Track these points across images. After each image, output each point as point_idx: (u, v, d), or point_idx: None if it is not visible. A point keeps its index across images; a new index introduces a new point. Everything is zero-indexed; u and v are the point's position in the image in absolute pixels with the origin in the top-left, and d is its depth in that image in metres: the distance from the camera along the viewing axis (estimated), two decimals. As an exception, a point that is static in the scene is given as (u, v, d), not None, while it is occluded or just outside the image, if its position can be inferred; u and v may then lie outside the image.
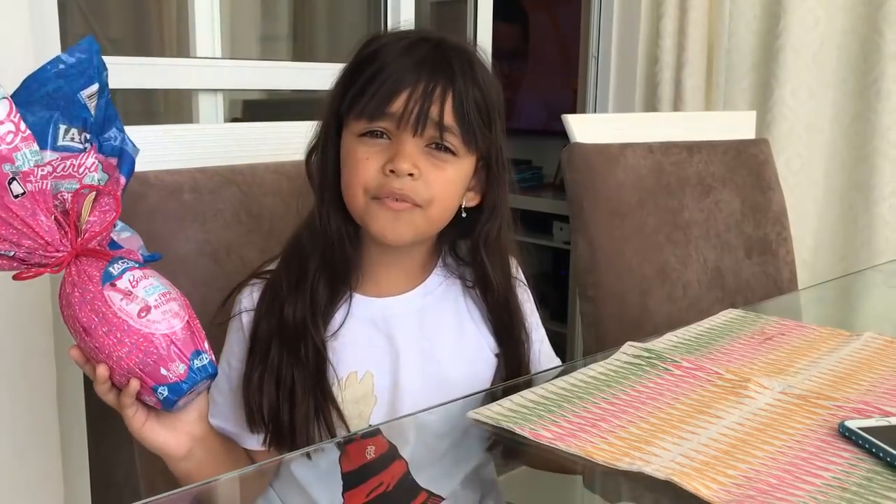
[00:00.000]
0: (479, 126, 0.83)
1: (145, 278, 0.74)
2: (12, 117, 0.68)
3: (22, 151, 0.68)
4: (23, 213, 0.69)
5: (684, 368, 0.86)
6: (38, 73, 0.73)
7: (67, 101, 0.73)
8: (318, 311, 0.85)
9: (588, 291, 1.38)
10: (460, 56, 0.83)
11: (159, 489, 0.96)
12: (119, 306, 0.72)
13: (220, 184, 1.03)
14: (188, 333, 0.74)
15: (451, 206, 0.86)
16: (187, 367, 0.73)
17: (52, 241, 0.71)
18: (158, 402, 0.74)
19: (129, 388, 0.73)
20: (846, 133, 1.98)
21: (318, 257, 0.86)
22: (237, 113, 2.07)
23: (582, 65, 2.35)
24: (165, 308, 0.73)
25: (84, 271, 0.73)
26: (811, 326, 1.04)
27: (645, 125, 1.57)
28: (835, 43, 1.95)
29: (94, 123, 0.76)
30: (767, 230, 1.56)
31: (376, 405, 0.87)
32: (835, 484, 0.63)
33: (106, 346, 0.72)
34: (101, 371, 0.73)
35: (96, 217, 0.75)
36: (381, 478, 0.80)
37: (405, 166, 0.79)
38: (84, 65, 0.74)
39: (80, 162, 0.75)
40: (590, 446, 0.69)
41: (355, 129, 0.83)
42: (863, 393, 0.81)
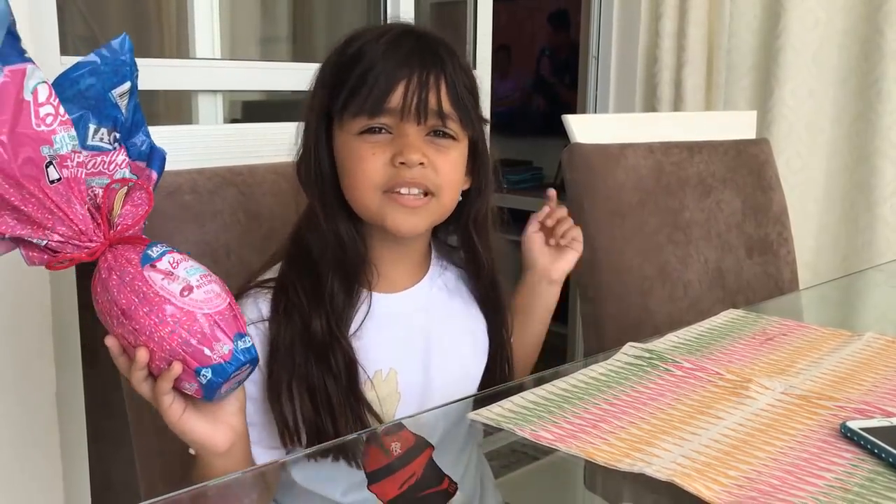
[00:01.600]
0: (472, 109, 0.86)
1: (185, 260, 0.72)
2: (52, 101, 0.67)
3: (60, 135, 0.67)
4: (58, 199, 0.67)
5: (685, 369, 0.86)
6: (71, 71, 0.72)
7: (98, 100, 0.73)
8: (340, 318, 0.84)
9: (589, 292, 1.38)
10: (443, 44, 0.85)
11: (159, 491, 0.96)
12: (161, 285, 0.69)
13: (220, 185, 1.03)
14: (231, 314, 0.71)
15: (458, 189, 0.87)
16: (231, 348, 0.70)
17: (86, 229, 0.70)
18: (200, 389, 0.70)
19: (172, 370, 0.69)
20: (847, 133, 1.98)
21: (330, 262, 0.85)
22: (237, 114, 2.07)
23: (582, 65, 2.35)
24: (207, 288, 0.71)
25: (122, 255, 0.71)
26: (812, 327, 1.03)
27: (645, 125, 1.56)
28: (835, 43, 1.95)
29: (123, 124, 0.75)
30: (768, 230, 1.55)
31: (400, 401, 0.88)
32: (837, 485, 0.63)
33: (147, 326, 0.68)
34: (141, 354, 0.68)
35: (128, 210, 0.73)
36: (413, 467, 0.78)
37: (415, 156, 0.80)
38: (118, 63, 0.73)
39: (110, 159, 0.74)
40: (591, 447, 0.69)
41: (353, 129, 0.83)
42: (864, 393, 0.81)
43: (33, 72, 0.66)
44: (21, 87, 0.65)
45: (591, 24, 2.23)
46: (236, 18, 2.21)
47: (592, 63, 2.23)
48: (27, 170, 0.65)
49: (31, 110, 0.65)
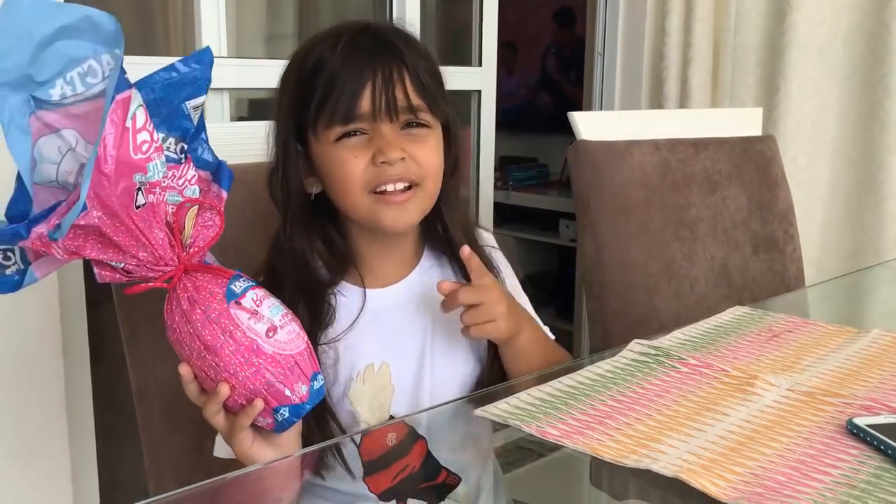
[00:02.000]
0: (438, 94, 0.87)
1: (267, 297, 0.73)
2: (148, 126, 0.66)
3: (154, 162, 0.67)
4: (142, 225, 0.67)
5: (691, 366, 0.86)
6: (147, 80, 0.71)
7: (171, 110, 0.72)
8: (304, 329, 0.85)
9: (594, 289, 1.38)
10: (398, 34, 0.86)
11: (167, 487, 0.97)
12: (248, 325, 0.70)
13: (227, 182, 1.03)
14: (309, 354, 0.73)
15: (441, 175, 0.89)
16: (308, 389, 0.72)
17: (164, 254, 0.70)
18: (273, 423, 0.72)
19: (254, 407, 0.71)
20: (853, 129, 1.97)
21: (291, 283, 0.86)
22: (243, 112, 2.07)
23: (588, 62, 2.35)
24: (290, 329, 0.72)
25: (204, 287, 0.70)
26: (818, 323, 1.03)
27: (651, 122, 1.56)
28: (841, 39, 1.95)
29: (192, 134, 0.74)
30: (774, 227, 1.55)
31: (395, 393, 0.89)
32: (843, 481, 0.63)
33: (231, 364, 0.69)
34: (224, 390, 0.70)
35: (199, 231, 0.73)
36: (406, 460, 0.80)
37: (395, 154, 0.82)
38: (197, 74, 0.73)
39: (181, 173, 0.74)
40: (597, 444, 0.69)
41: (329, 138, 0.84)
42: (870, 390, 0.81)
43: (135, 96, 0.65)
44: (126, 116, 0.64)
45: (596, 21, 2.23)
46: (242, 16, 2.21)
47: (598, 60, 2.23)
48: (123, 199, 0.65)
49: (131, 138, 0.65)
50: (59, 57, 0.64)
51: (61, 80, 0.65)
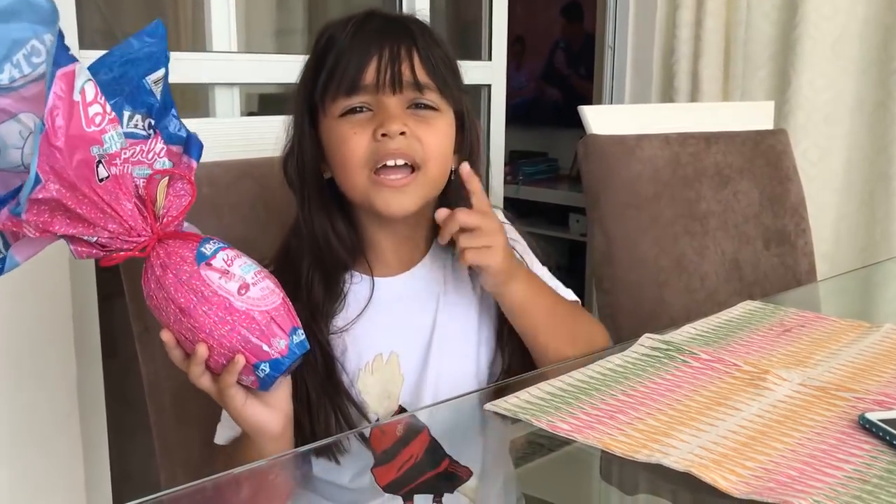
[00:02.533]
0: (451, 79, 0.86)
1: (238, 257, 0.74)
2: (99, 99, 0.67)
3: (109, 133, 0.68)
4: (108, 197, 0.68)
5: (702, 360, 0.86)
6: (105, 59, 0.73)
7: (132, 87, 0.73)
8: (319, 312, 0.86)
9: (605, 283, 1.38)
10: (413, 20, 0.86)
11: (179, 480, 0.97)
12: (218, 284, 0.71)
13: (237, 177, 1.03)
14: (286, 309, 0.73)
15: (446, 162, 0.87)
16: (287, 343, 0.72)
17: (135, 225, 0.71)
18: (256, 381, 0.73)
19: (235, 364, 0.71)
20: (866, 123, 1.96)
21: (309, 260, 0.87)
22: (253, 107, 2.07)
23: (598, 56, 2.34)
24: (263, 285, 0.73)
25: (175, 252, 0.72)
26: (830, 318, 1.03)
27: (661, 116, 1.56)
28: (854, 32, 1.93)
29: (157, 109, 0.75)
30: (786, 221, 1.54)
31: (404, 383, 0.89)
32: (855, 476, 0.63)
33: (206, 324, 0.71)
34: (201, 350, 0.71)
35: (171, 202, 0.75)
36: (411, 450, 0.80)
37: (395, 126, 0.81)
38: (151, 49, 0.74)
39: (149, 147, 0.75)
40: (607, 438, 0.69)
41: (335, 112, 0.84)
42: (883, 385, 0.81)
43: (81, 70, 0.66)
44: (72, 89, 0.65)
45: (607, 15, 2.22)
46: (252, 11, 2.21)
47: (608, 54, 2.22)
48: (81, 171, 0.66)
49: (81, 111, 0.66)
50: (2, 41, 0.66)
51: (8, 63, 0.66)
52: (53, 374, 1.16)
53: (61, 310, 1.16)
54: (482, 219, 0.82)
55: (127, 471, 1.37)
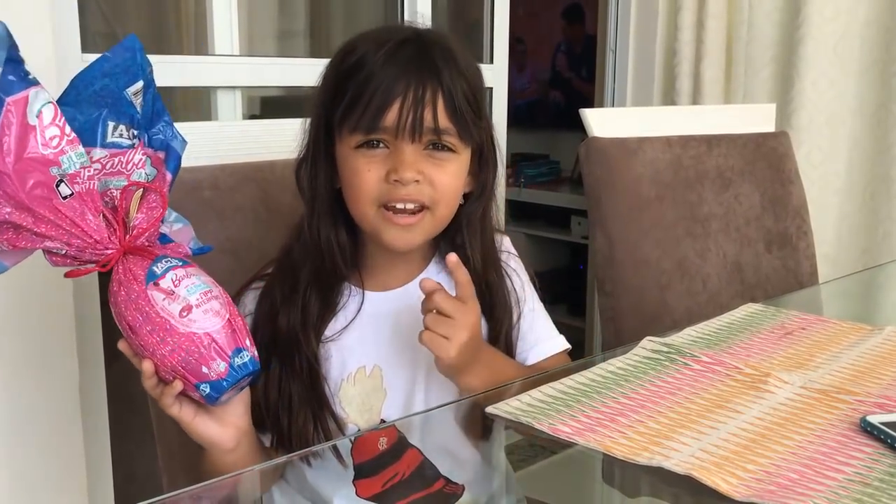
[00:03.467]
0: (471, 119, 0.84)
1: (188, 277, 0.74)
2: (57, 121, 0.69)
3: (68, 154, 0.69)
4: (71, 214, 0.70)
5: (704, 363, 0.86)
6: (86, 73, 0.75)
7: (115, 99, 0.75)
8: (310, 323, 0.87)
9: (606, 286, 1.38)
10: (442, 50, 0.84)
11: (181, 484, 0.97)
12: (161, 306, 0.72)
13: (240, 181, 1.04)
14: (229, 331, 0.74)
15: (456, 201, 0.87)
16: (227, 365, 0.73)
17: (101, 239, 0.72)
18: (202, 398, 0.74)
19: (173, 387, 0.73)
20: (868, 124, 1.96)
21: (309, 269, 0.87)
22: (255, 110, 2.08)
23: (599, 58, 2.34)
24: (206, 307, 0.74)
25: (130, 270, 0.73)
26: (832, 321, 1.03)
27: (663, 119, 1.56)
28: (856, 33, 1.93)
29: (141, 119, 0.77)
30: (787, 224, 1.54)
31: (386, 398, 0.89)
32: (856, 479, 0.63)
33: (150, 344, 0.72)
34: (146, 366, 0.73)
35: (144, 214, 0.76)
36: (396, 468, 0.81)
37: (409, 175, 0.81)
38: (128, 62, 0.76)
39: (128, 158, 0.76)
40: (609, 441, 0.69)
41: (351, 142, 0.84)
42: (884, 387, 0.81)
43: (37, 94, 0.68)
44: (24, 115, 0.67)
45: (608, 17, 2.22)
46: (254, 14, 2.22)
47: (610, 56, 2.22)
48: (37, 192, 0.68)
49: (38, 134, 0.68)
50: None
51: None
52: (56, 377, 1.16)
53: (64, 313, 1.16)
54: (456, 310, 0.81)
55: (129, 474, 1.37)
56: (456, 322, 0.80)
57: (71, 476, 1.19)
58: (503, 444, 0.91)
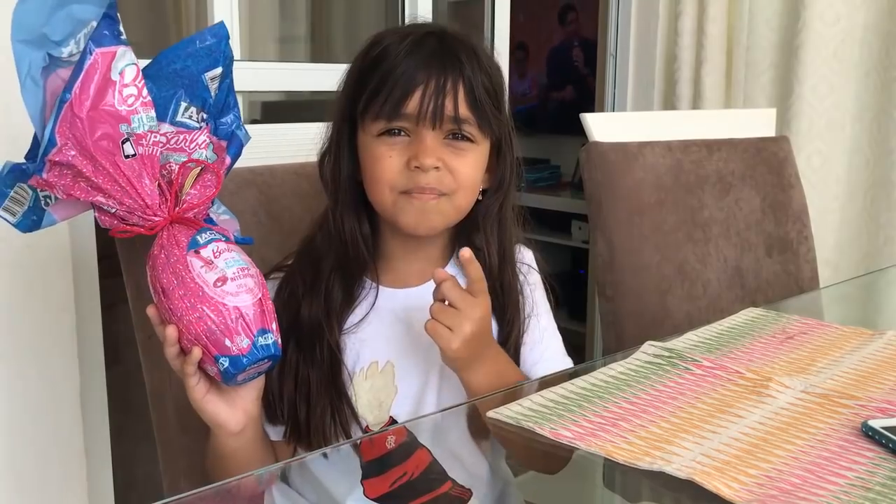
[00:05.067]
0: (491, 111, 0.86)
1: (228, 251, 0.76)
2: (137, 82, 0.73)
3: (140, 115, 0.73)
4: (130, 174, 0.73)
5: (705, 368, 0.86)
6: (170, 51, 0.79)
7: (192, 81, 0.79)
8: (333, 312, 0.87)
9: (607, 291, 1.38)
10: (465, 45, 0.85)
11: (182, 488, 0.97)
12: (198, 272, 0.74)
13: (240, 185, 1.04)
14: (258, 310, 0.75)
15: (475, 191, 0.88)
16: (251, 343, 0.74)
17: (152, 204, 0.75)
18: (219, 374, 0.75)
19: (192, 355, 0.74)
20: (868, 129, 1.96)
21: (332, 259, 0.88)
22: (256, 114, 2.08)
23: (600, 63, 2.35)
24: (241, 282, 0.75)
25: (174, 236, 0.75)
26: (833, 325, 1.03)
27: (664, 123, 1.56)
28: (856, 38, 1.93)
29: (212, 105, 0.80)
30: (788, 228, 1.55)
31: (397, 395, 0.89)
32: (858, 484, 0.63)
33: (179, 308, 0.73)
34: (170, 331, 0.74)
35: (197, 190, 0.78)
36: (405, 467, 0.81)
37: (429, 161, 0.82)
38: (213, 47, 0.80)
39: (192, 138, 0.79)
40: (610, 445, 0.69)
41: (373, 130, 0.85)
42: (886, 392, 0.81)
43: (124, 53, 0.73)
44: (109, 68, 0.72)
45: (608, 23, 2.23)
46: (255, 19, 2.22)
47: (611, 61, 2.23)
48: (103, 144, 0.72)
49: (117, 89, 0.72)
50: (70, 19, 0.72)
51: (72, 40, 0.73)
52: (57, 382, 1.16)
53: (64, 318, 1.16)
54: (464, 301, 0.80)
55: (130, 478, 1.37)
56: (462, 314, 0.80)
57: (71, 478, 1.19)
58: (504, 450, 0.91)
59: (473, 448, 0.87)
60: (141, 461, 1.30)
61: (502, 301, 0.92)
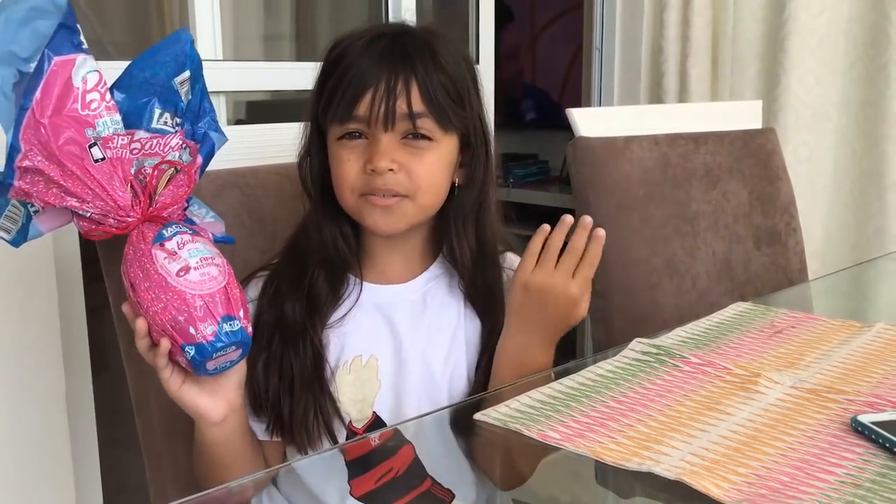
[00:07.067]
0: (450, 107, 0.85)
1: (192, 242, 0.77)
2: (99, 88, 0.75)
3: (104, 119, 0.75)
4: (100, 177, 0.74)
5: (693, 364, 0.85)
6: (139, 60, 0.81)
7: (163, 87, 0.80)
8: (317, 310, 0.88)
9: (596, 286, 1.36)
10: (418, 43, 0.85)
11: (168, 495, 0.96)
12: (161, 264, 0.75)
13: (222, 187, 1.03)
14: (223, 298, 0.75)
15: (440, 189, 0.88)
16: (216, 330, 0.74)
17: (125, 206, 0.76)
18: (188, 363, 0.75)
19: (161, 347, 0.74)
20: (855, 120, 1.96)
21: (314, 258, 0.89)
22: (241, 114, 2.07)
23: (585, 57, 2.34)
24: (204, 271, 0.76)
25: (143, 233, 0.77)
26: (822, 318, 1.02)
27: (650, 117, 1.55)
28: (841, 29, 1.93)
29: (185, 109, 0.82)
30: (776, 220, 1.54)
31: (380, 389, 0.89)
32: (848, 480, 0.62)
33: (145, 300, 0.74)
34: (139, 324, 0.75)
35: (170, 190, 0.79)
36: (391, 463, 0.81)
37: (383, 164, 0.82)
38: (177, 52, 0.81)
39: (166, 142, 0.81)
40: (598, 446, 0.68)
41: (334, 134, 0.86)
42: (875, 386, 0.80)
43: (85, 61, 0.75)
44: (70, 76, 0.73)
45: (594, 16, 2.22)
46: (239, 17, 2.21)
47: (596, 55, 2.22)
48: (69, 148, 0.73)
49: (79, 96, 0.74)
50: (36, 35, 0.74)
51: (39, 55, 0.74)
52: (43, 389, 1.15)
53: (49, 322, 1.15)
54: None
55: (119, 484, 1.36)
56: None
57: (59, 487, 1.18)
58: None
59: (457, 449, 0.86)
60: (130, 468, 1.29)
61: (484, 298, 0.91)
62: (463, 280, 0.91)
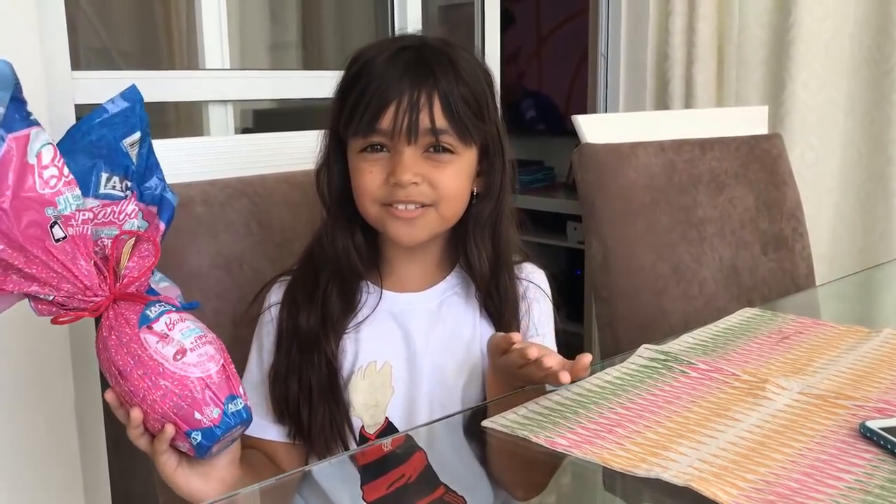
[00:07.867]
0: (470, 120, 0.85)
1: (182, 321, 0.73)
2: (56, 162, 0.70)
3: (64, 195, 0.70)
4: (63, 258, 0.70)
5: (701, 371, 0.85)
6: (83, 123, 0.76)
7: (110, 150, 0.75)
8: (330, 322, 0.88)
9: (603, 292, 1.38)
10: (440, 56, 0.85)
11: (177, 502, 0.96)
12: (155, 349, 0.71)
13: (231, 196, 1.03)
14: (223, 377, 0.73)
15: (461, 200, 0.88)
16: (221, 412, 0.71)
17: (91, 285, 0.72)
18: (192, 449, 0.72)
19: (165, 433, 0.71)
20: (861, 124, 1.96)
21: (328, 271, 0.89)
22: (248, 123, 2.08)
23: (591, 64, 2.34)
24: (201, 351, 0.72)
25: (121, 315, 0.72)
26: (829, 324, 1.02)
27: (656, 123, 1.56)
28: (847, 33, 1.93)
29: (135, 172, 0.77)
30: (783, 225, 1.54)
31: (393, 395, 0.89)
32: (857, 486, 0.62)
33: (141, 389, 0.70)
34: (135, 414, 0.71)
35: (135, 263, 0.75)
36: (403, 469, 0.81)
37: (406, 177, 0.83)
38: (127, 113, 0.76)
39: (120, 209, 0.76)
40: (606, 453, 0.68)
41: (355, 147, 0.86)
42: (883, 392, 0.80)
43: (38, 135, 0.69)
44: (25, 153, 0.68)
45: (599, 23, 2.22)
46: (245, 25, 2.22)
47: (602, 62, 2.22)
48: (31, 232, 0.68)
49: (36, 173, 0.68)
50: None
51: None
52: (53, 397, 1.16)
53: (59, 332, 1.16)
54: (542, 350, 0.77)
55: (128, 492, 1.36)
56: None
57: (68, 494, 1.18)
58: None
59: (470, 455, 0.86)
60: (138, 475, 1.29)
61: (499, 306, 0.92)
62: (479, 289, 0.91)
